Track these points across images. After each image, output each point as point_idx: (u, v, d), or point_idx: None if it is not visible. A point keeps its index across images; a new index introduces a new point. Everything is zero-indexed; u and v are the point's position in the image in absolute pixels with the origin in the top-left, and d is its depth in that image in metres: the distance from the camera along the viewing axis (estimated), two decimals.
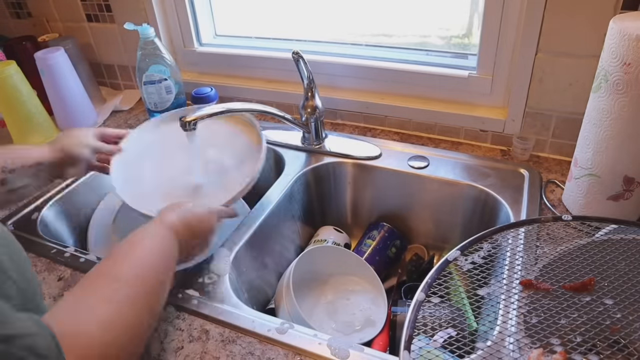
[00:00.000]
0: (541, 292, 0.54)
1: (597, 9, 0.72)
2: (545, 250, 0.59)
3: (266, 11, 1.10)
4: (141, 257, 0.51)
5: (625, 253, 0.56)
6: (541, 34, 0.77)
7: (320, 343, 0.56)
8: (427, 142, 0.96)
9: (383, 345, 0.72)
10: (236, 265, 0.71)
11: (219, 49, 1.14)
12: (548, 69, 0.80)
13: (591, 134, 0.67)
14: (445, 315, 0.64)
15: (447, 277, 0.54)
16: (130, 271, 0.49)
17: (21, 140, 1.03)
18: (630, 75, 0.58)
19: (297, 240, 0.93)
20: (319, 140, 0.95)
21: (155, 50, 0.98)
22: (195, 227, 0.61)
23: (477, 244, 0.58)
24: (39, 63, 1.02)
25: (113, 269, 0.49)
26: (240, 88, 1.12)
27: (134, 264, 0.50)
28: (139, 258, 0.51)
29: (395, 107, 0.97)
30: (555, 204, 0.77)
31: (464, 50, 0.94)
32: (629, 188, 0.66)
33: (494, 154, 0.91)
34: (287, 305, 0.68)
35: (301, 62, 0.85)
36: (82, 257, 0.73)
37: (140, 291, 0.48)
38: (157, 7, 1.10)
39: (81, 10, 1.18)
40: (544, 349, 0.47)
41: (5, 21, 1.32)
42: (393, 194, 0.91)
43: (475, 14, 0.91)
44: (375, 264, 0.85)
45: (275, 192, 0.84)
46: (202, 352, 0.57)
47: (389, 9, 0.98)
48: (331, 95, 1.02)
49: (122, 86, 1.29)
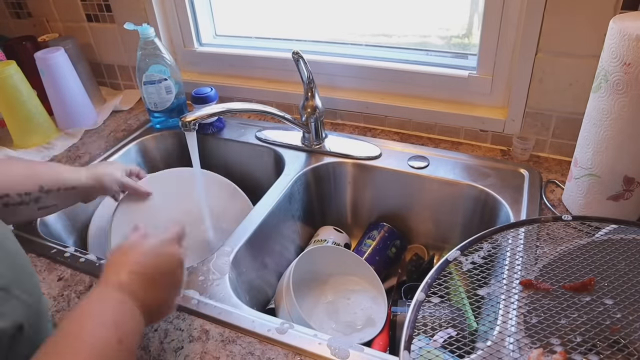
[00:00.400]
0: (541, 292, 0.54)
1: (597, 9, 0.72)
2: (545, 250, 0.59)
3: (266, 11, 1.10)
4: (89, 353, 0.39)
5: (625, 253, 0.56)
6: (541, 34, 0.77)
7: (320, 343, 0.56)
8: (427, 142, 0.96)
9: (383, 345, 0.72)
10: (236, 265, 0.71)
11: (219, 49, 1.14)
12: (548, 69, 0.80)
13: (591, 134, 0.67)
14: (445, 315, 0.64)
15: (447, 277, 0.54)
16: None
17: (21, 140, 1.03)
18: (630, 75, 0.58)
19: (297, 240, 0.93)
20: (319, 140, 0.95)
21: (155, 50, 0.98)
22: (161, 270, 0.50)
23: (477, 244, 0.58)
24: (39, 63, 1.02)
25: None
26: (240, 88, 1.12)
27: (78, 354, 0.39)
28: (83, 345, 0.40)
29: (395, 107, 0.98)
30: (555, 204, 0.77)
31: (464, 50, 0.94)
32: (629, 188, 0.66)
33: (494, 154, 0.91)
34: (287, 305, 0.68)
35: (301, 62, 0.85)
36: (82, 257, 0.73)
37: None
38: (157, 7, 1.10)
39: (81, 10, 1.18)
40: (544, 349, 0.47)
41: (5, 21, 1.32)
42: (393, 194, 0.91)
43: (475, 14, 0.91)
44: (375, 264, 0.85)
45: (275, 192, 0.84)
46: (202, 352, 0.57)
47: (389, 9, 0.98)
48: (331, 95, 1.02)
49: (122, 86, 1.29)
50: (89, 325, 0.42)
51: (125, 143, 1.03)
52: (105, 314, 0.44)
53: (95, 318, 0.43)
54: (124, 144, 1.03)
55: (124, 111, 1.18)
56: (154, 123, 1.07)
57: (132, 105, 1.20)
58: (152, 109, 1.04)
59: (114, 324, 0.43)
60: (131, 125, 1.11)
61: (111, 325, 0.43)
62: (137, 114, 1.16)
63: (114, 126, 1.12)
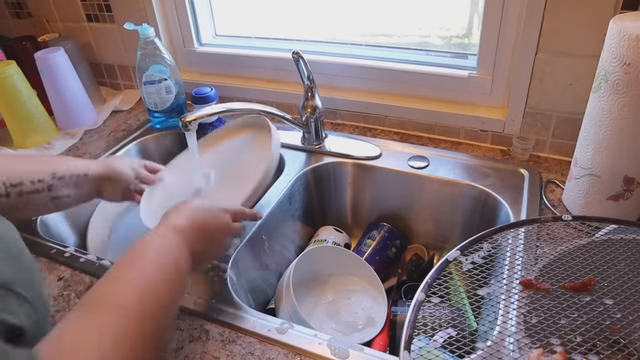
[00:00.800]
0: (541, 292, 0.54)
1: (597, 9, 0.72)
2: (545, 250, 0.59)
3: (266, 11, 1.10)
4: (144, 278, 0.46)
5: (625, 253, 0.56)
6: (541, 34, 0.77)
7: (320, 343, 0.56)
8: (427, 142, 0.96)
9: (383, 345, 0.72)
10: (236, 265, 0.71)
11: (219, 49, 1.14)
12: (548, 69, 0.80)
13: (591, 134, 0.67)
14: (445, 315, 0.64)
15: (447, 277, 0.54)
16: (130, 297, 0.43)
17: (21, 140, 1.03)
18: (630, 75, 0.58)
19: (297, 240, 0.93)
20: (319, 140, 0.95)
21: (155, 50, 0.98)
22: (208, 227, 0.57)
23: (477, 244, 0.58)
24: (39, 63, 1.02)
25: (111, 295, 0.43)
26: (240, 88, 1.12)
27: (136, 287, 0.44)
28: (142, 278, 0.45)
29: (395, 107, 0.98)
30: (555, 204, 0.77)
31: (464, 50, 0.94)
32: (629, 188, 0.66)
33: (494, 154, 0.91)
34: (287, 305, 0.68)
35: (301, 62, 0.85)
36: (82, 257, 0.73)
37: (147, 317, 0.43)
38: (157, 7, 1.10)
39: (81, 10, 1.18)
40: (544, 349, 0.47)
41: (5, 21, 1.32)
42: (393, 194, 0.91)
43: (475, 14, 0.91)
44: (375, 264, 0.85)
45: (275, 192, 0.84)
46: (202, 352, 0.57)
47: (389, 9, 0.98)
48: (331, 95, 1.02)
49: (122, 86, 1.29)
50: (153, 249, 0.49)
51: (125, 143, 1.03)
52: (165, 245, 0.51)
53: (157, 245, 0.50)
54: (124, 144, 1.03)
55: (124, 111, 1.18)
56: (154, 123, 1.07)
57: (132, 105, 1.20)
58: (152, 109, 1.04)
59: (171, 251, 0.50)
60: (131, 125, 1.11)
61: (169, 252, 0.50)
62: (137, 114, 1.16)
63: (114, 126, 1.12)
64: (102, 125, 1.13)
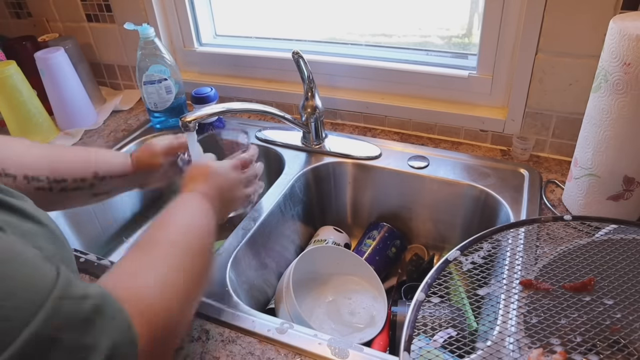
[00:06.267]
0: (541, 292, 0.54)
1: (597, 9, 0.72)
2: (545, 250, 0.59)
3: (266, 11, 1.10)
4: (185, 224, 0.52)
5: (625, 253, 0.56)
6: (541, 34, 0.77)
7: (320, 343, 0.56)
8: (427, 142, 0.96)
9: (383, 345, 0.72)
10: (236, 265, 0.71)
11: (219, 49, 1.14)
12: (548, 69, 0.80)
13: (591, 134, 0.67)
14: (445, 315, 0.64)
15: (447, 277, 0.54)
16: (178, 236, 0.49)
17: None
18: (630, 75, 0.58)
19: (297, 240, 0.93)
20: (319, 140, 0.95)
21: (155, 50, 0.98)
22: (223, 188, 0.62)
23: (477, 244, 0.58)
24: (39, 63, 1.02)
25: (161, 236, 0.49)
26: (240, 88, 1.12)
27: (180, 230, 0.50)
28: (183, 224, 0.52)
29: (395, 107, 0.97)
30: (555, 204, 0.77)
31: (464, 50, 0.94)
32: (629, 188, 0.66)
33: (494, 154, 0.91)
34: (287, 305, 0.68)
35: (301, 62, 0.85)
36: (82, 257, 0.73)
37: (190, 254, 0.48)
38: (157, 7, 1.10)
39: (81, 10, 1.18)
40: (544, 349, 0.47)
41: (5, 21, 1.32)
42: (393, 194, 0.91)
43: (475, 14, 0.91)
44: (375, 264, 0.85)
45: (275, 192, 0.84)
46: (202, 352, 0.57)
47: (389, 9, 0.98)
48: (331, 95, 1.02)
49: (122, 86, 1.29)
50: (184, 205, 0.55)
51: (125, 143, 1.03)
52: (195, 202, 0.56)
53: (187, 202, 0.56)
54: (124, 144, 1.03)
55: (124, 111, 1.18)
56: (154, 123, 1.07)
57: (132, 105, 1.20)
58: (152, 109, 1.04)
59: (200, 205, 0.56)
60: (131, 125, 1.11)
61: (199, 206, 0.56)
62: (137, 114, 1.16)
63: (114, 126, 1.12)
64: (102, 125, 1.13)
